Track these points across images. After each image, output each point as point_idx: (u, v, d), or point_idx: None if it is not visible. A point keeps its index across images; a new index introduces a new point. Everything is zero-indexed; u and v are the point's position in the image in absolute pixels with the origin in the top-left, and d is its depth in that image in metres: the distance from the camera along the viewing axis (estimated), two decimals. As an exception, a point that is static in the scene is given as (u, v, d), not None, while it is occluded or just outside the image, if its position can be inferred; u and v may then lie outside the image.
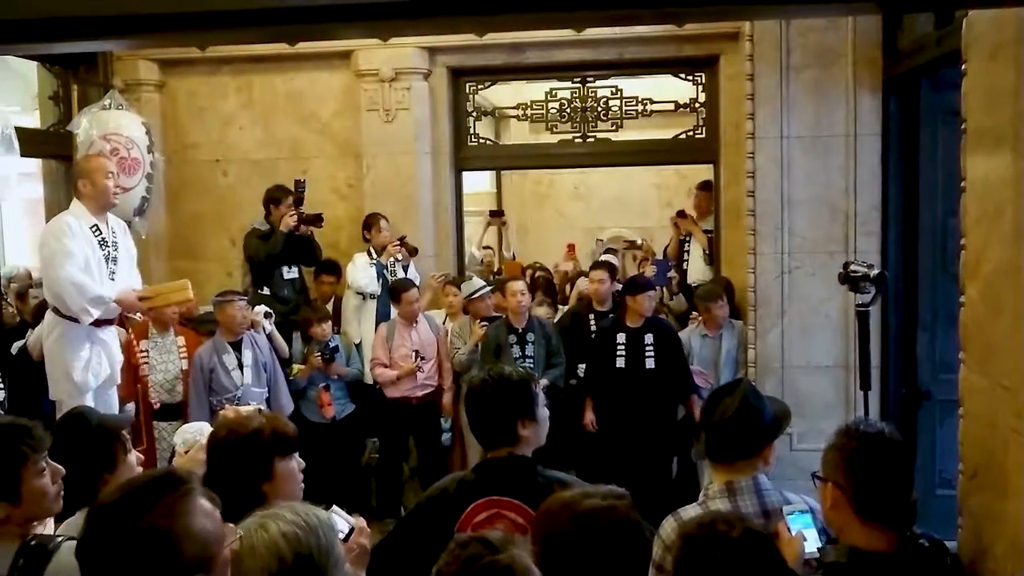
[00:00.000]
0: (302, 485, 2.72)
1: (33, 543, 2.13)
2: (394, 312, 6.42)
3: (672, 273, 7.61)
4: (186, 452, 3.04)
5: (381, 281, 6.53)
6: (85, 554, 1.69)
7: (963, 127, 2.82)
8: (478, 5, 1.72)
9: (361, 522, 2.38)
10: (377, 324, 6.50)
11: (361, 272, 6.54)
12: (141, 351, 5.74)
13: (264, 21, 1.84)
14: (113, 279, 4.79)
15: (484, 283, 6.65)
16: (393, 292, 6.35)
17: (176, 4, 1.79)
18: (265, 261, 6.42)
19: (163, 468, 1.94)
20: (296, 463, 2.67)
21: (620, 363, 5.93)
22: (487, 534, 1.88)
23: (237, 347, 5.73)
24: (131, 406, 5.50)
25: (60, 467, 2.35)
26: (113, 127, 6.25)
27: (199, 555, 1.70)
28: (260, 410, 4.07)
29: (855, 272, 3.87)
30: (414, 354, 6.23)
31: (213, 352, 5.70)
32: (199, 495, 1.77)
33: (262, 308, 6.01)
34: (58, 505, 2.39)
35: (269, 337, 6.01)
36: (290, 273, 6.55)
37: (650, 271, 7.71)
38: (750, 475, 2.59)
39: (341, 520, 2.33)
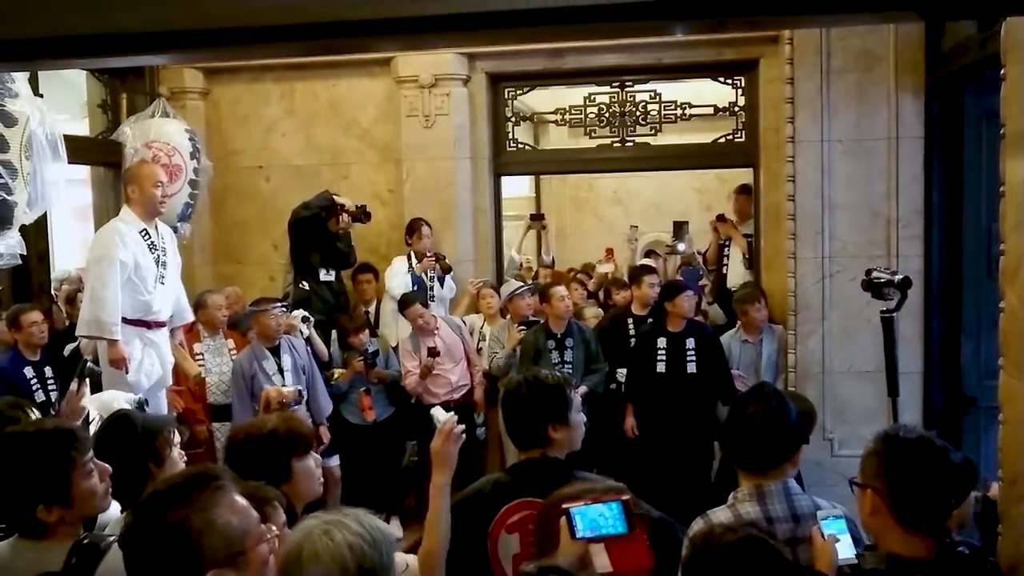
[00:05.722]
0: (322, 480, 2.79)
1: (86, 542, 2.19)
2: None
3: (704, 281, 7.58)
4: None
5: (416, 289, 6.58)
6: (126, 547, 1.75)
7: (1001, 132, 2.79)
8: (514, 19, 1.74)
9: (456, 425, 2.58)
10: (414, 328, 6.55)
11: (397, 279, 6.60)
12: (196, 354, 5.87)
13: (305, 36, 1.89)
14: (163, 283, 4.90)
15: (521, 284, 6.68)
16: (400, 306, 6.38)
17: (222, 20, 1.84)
18: (302, 223, 6.48)
19: (199, 465, 1.98)
20: (314, 460, 2.73)
21: (661, 368, 5.92)
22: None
23: (276, 352, 5.80)
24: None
25: (107, 465, 2.42)
26: (155, 134, 6.37)
27: (221, 549, 1.72)
28: (300, 391, 4.12)
29: (878, 279, 3.81)
30: (427, 350, 6.23)
31: (252, 358, 5.76)
32: (229, 492, 1.80)
33: (300, 312, 6.09)
34: (107, 502, 2.45)
35: (308, 340, 6.08)
36: (327, 276, 6.64)
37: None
38: (780, 479, 2.58)
39: (441, 413, 2.61)
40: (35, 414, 3.00)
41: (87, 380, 3.83)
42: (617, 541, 2.11)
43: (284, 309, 5.98)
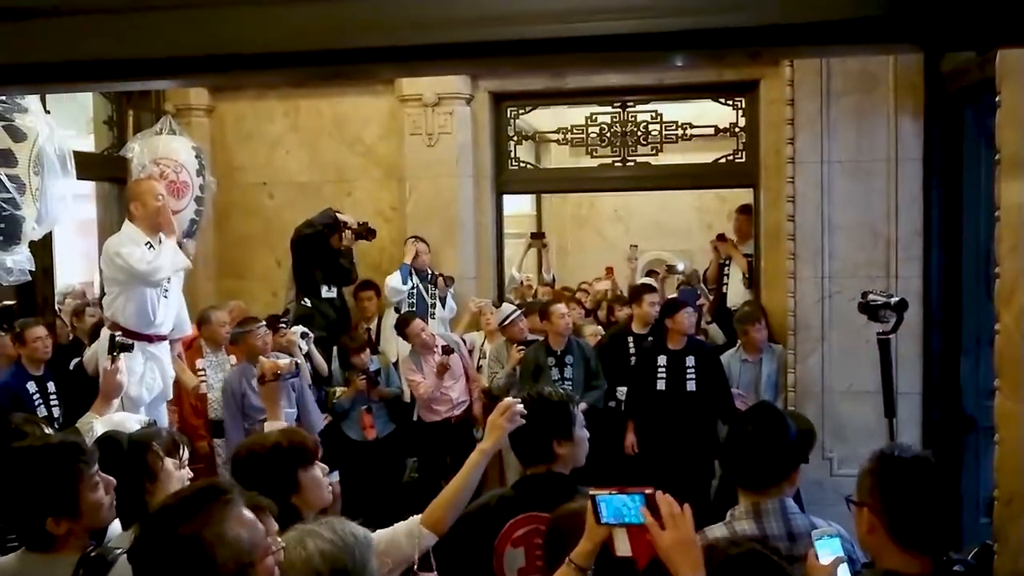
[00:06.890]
0: (330, 488, 2.80)
1: (93, 554, 2.21)
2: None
3: (701, 300, 7.60)
4: None
5: (408, 288, 6.63)
6: (136, 560, 1.78)
7: (997, 157, 2.83)
8: (516, 48, 1.78)
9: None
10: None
11: (394, 280, 6.65)
12: (199, 370, 5.90)
13: (311, 62, 1.92)
14: (166, 297, 4.94)
15: (514, 307, 6.70)
16: (399, 326, 6.41)
17: (229, 47, 1.88)
18: (304, 240, 6.54)
19: (208, 479, 2.01)
20: (320, 469, 2.75)
21: (661, 386, 5.94)
22: None
23: (264, 371, 5.80)
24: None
25: (111, 478, 2.45)
26: (163, 151, 6.40)
27: (233, 562, 1.75)
28: (297, 363, 4.16)
29: (874, 301, 3.84)
30: (440, 349, 6.25)
31: (241, 377, 5.71)
32: (238, 505, 1.83)
33: (299, 328, 6.11)
34: (112, 514, 2.48)
35: (307, 356, 6.09)
36: (329, 292, 6.68)
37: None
38: (777, 497, 2.60)
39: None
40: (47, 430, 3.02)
41: (120, 356, 3.83)
42: (639, 530, 2.14)
43: (284, 326, 5.99)
